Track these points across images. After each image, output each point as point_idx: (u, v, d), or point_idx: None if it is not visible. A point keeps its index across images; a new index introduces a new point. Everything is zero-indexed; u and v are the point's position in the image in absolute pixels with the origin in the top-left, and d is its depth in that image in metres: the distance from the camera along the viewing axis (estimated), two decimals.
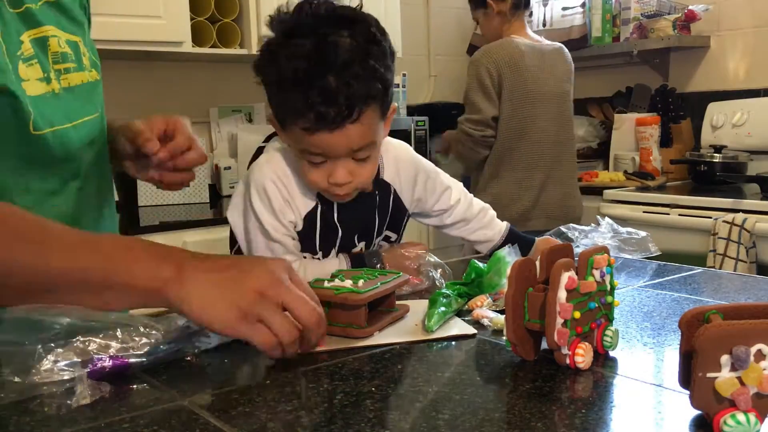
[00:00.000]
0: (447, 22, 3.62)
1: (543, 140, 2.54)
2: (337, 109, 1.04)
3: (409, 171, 1.35)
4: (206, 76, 2.90)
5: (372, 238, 1.36)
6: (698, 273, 1.39)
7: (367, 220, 1.32)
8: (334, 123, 1.06)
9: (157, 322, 0.93)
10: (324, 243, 1.30)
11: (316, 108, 1.04)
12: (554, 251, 0.90)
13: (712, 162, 2.67)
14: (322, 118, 1.05)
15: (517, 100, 2.49)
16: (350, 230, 1.31)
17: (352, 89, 1.04)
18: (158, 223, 2.29)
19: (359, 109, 1.06)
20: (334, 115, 1.05)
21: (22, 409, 0.77)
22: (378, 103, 1.10)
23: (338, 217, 1.27)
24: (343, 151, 1.11)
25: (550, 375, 0.83)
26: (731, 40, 2.97)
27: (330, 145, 1.09)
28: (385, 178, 1.32)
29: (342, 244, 1.32)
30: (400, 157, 1.34)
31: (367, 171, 1.17)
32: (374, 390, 0.81)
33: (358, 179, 1.16)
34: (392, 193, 1.34)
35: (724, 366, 0.66)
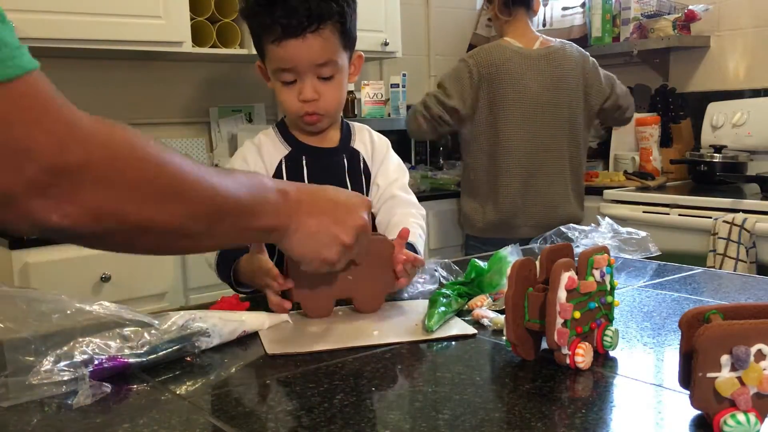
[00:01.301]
0: (447, 22, 3.61)
1: (520, 148, 2.44)
2: (297, 19, 1.24)
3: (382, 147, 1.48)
4: (206, 76, 2.90)
5: None
6: (698, 273, 1.39)
7: (338, 181, 1.37)
8: (297, 31, 1.25)
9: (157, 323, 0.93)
10: None
11: (280, 21, 1.24)
12: (554, 251, 0.90)
13: (712, 162, 2.67)
14: (286, 28, 1.25)
15: (494, 106, 2.45)
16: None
17: (309, 5, 1.24)
18: None
19: (317, 24, 1.25)
20: (296, 24, 1.24)
21: (22, 409, 0.77)
22: (335, 23, 1.28)
23: (307, 173, 1.39)
24: (306, 63, 1.28)
25: (550, 375, 0.83)
26: (731, 40, 2.97)
27: (295, 56, 1.27)
28: (354, 146, 1.46)
29: None
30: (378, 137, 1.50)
31: (332, 93, 1.34)
32: (374, 390, 0.81)
33: (323, 99, 1.32)
34: (361, 161, 1.45)
35: (724, 366, 0.66)
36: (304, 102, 1.32)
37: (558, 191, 2.52)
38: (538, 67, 2.48)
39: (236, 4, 2.63)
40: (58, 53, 2.50)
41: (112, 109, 2.70)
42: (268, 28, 1.27)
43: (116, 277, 2.09)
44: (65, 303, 0.88)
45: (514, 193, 2.48)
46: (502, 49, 2.48)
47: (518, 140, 2.46)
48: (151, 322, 0.93)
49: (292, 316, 1.08)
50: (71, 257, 2.04)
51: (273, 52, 1.29)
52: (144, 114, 2.76)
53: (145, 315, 0.94)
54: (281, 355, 0.94)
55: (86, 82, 2.64)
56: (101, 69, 2.66)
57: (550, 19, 3.38)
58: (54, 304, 0.87)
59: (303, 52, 1.27)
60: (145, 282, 2.16)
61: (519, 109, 2.45)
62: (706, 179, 2.70)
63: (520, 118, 2.45)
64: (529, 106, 2.46)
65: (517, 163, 2.46)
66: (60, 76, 2.69)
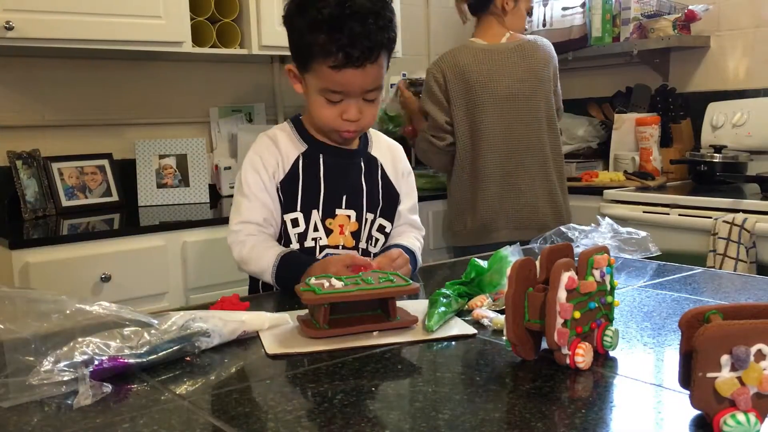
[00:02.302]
0: (447, 22, 3.61)
1: (497, 147, 2.38)
2: (360, 51, 1.25)
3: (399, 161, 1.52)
4: (206, 76, 2.90)
5: (361, 209, 1.41)
6: (698, 273, 1.39)
7: (353, 183, 1.42)
8: (358, 62, 1.26)
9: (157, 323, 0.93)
10: (305, 201, 1.39)
11: (344, 49, 1.25)
12: (554, 251, 0.90)
13: (712, 162, 2.67)
14: (349, 58, 1.25)
15: (465, 107, 2.40)
16: (335, 187, 1.40)
17: (373, 35, 1.26)
18: (158, 223, 2.29)
19: (377, 53, 1.28)
20: (358, 56, 1.25)
21: (22, 409, 0.77)
22: (388, 51, 1.32)
23: (324, 171, 1.40)
24: (359, 90, 1.31)
25: (550, 375, 0.83)
26: (731, 40, 2.97)
27: (350, 83, 1.29)
28: (372, 152, 1.48)
29: (327, 206, 1.38)
30: (393, 146, 1.54)
31: (372, 112, 1.36)
32: (374, 390, 0.81)
33: (364, 119, 1.35)
34: (379, 168, 1.48)
35: (724, 366, 0.66)
36: (347, 121, 1.34)
37: (540, 190, 2.44)
38: (509, 61, 2.42)
39: (236, 4, 2.63)
40: (58, 53, 2.50)
41: (112, 109, 2.70)
42: (326, 52, 1.26)
43: (116, 277, 2.09)
44: (65, 303, 0.88)
45: (493, 196, 2.40)
46: (467, 49, 2.44)
47: (496, 139, 2.39)
48: (151, 322, 0.93)
49: (292, 316, 1.08)
50: (71, 257, 2.04)
51: (327, 74, 1.29)
52: (144, 114, 2.76)
53: (145, 315, 0.94)
54: (281, 355, 0.94)
55: (86, 82, 2.64)
56: (101, 69, 2.66)
57: (550, 19, 3.38)
58: (54, 304, 0.87)
59: (358, 80, 1.29)
60: (145, 282, 2.16)
61: (492, 106, 2.39)
62: (706, 179, 2.70)
63: (496, 117, 2.39)
64: (503, 102, 2.39)
65: (496, 163, 2.39)
66: (60, 76, 2.71)
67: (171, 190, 2.74)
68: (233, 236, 1.39)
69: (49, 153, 2.51)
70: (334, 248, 1.39)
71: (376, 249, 1.46)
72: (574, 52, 3.27)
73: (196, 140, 2.79)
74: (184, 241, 2.24)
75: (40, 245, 2.02)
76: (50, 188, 2.47)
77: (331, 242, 1.39)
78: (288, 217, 1.39)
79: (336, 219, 1.39)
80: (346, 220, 1.39)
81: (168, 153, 2.75)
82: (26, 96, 2.53)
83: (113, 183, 2.63)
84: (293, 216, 1.39)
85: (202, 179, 2.77)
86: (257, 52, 2.64)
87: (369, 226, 1.43)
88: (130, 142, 2.71)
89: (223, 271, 2.24)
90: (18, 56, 2.48)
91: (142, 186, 2.70)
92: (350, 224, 1.40)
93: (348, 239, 1.40)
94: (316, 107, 1.35)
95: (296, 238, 1.39)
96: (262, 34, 2.62)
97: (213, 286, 2.24)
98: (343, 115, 1.33)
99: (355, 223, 1.40)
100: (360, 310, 1.06)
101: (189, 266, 2.24)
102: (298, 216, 1.39)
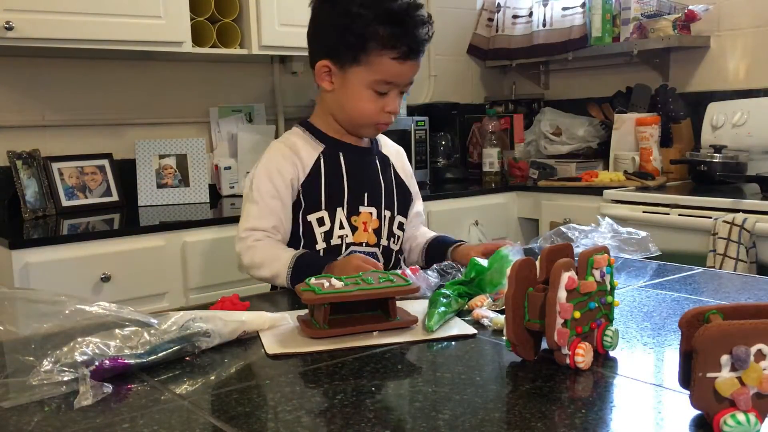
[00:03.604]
0: (447, 22, 3.61)
1: None
2: (422, 43, 1.35)
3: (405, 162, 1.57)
4: (206, 76, 2.90)
5: (380, 205, 1.44)
6: (698, 273, 1.39)
7: (373, 180, 1.46)
8: (417, 54, 1.35)
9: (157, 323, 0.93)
10: (330, 199, 1.39)
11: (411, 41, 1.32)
12: (554, 251, 0.90)
13: (712, 162, 2.67)
14: (412, 50, 1.33)
15: None
16: (358, 184, 1.42)
17: (428, 30, 1.36)
18: (158, 223, 2.29)
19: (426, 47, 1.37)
20: (419, 49, 1.34)
21: (22, 409, 0.77)
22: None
23: (345, 167, 1.43)
24: (408, 81, 1.39)
25: (550, 375, 0.83)
26: (731, 40, 2.97)
27: (406, 75, 1.37)
28: (384, 151, 1.53)
29: (351, 204, 1.40)
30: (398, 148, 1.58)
31: (401, 104, 1.47)
32: (374, 390, 0.81)
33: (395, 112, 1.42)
34: (391, 166, 1.52)
35: (724, 366, 0.66)
36: (390, 113, 1.40)
37: None
38: None
39: (236, 4, 2.63)
40: (58, 53, 2.50)
41: (112, 109, 2.70)
42: (391, 44, 1.32)
43: (116, 277, 2.09)
44: (65, 303, 0.88)
45: None
46: None
47: None
48: (151, 322, 0.93)
49: (292, 316, 1.08)
50: (71, 257, 2.04)
51: (387, 66, 1.34)
52: (144, 114, 2.76)
53: (145, 315, 0.94)
54: (281, 355, 0.94)
55: (86, 82, 2.64)
56: (101, 69, 2.66)
57: (550, 19, 3.38)
58: (54, 304, 0.87)
59: (412, 72, 1.38)
60: (145, 282, 2.16)
61: None
62: (706, 179, 2.69)
63: None
64: None
65: None
66: (60, 76, 2.71)
67: (171, 190, 2.74)
68: (241, 243, 1.38)
69: (49, 153, 2.52)
70: (358, 245, 1.40)
71: (397, 246, 1.47)
72: (574, 52, 3.27)
73: (196, 140, 2.79)
74: (184, 241, 2.24)
75: (40, 245, 2.02)
76: (50, 188, 2.47)
77: (356, 239, 1.40)
78: (313, 217, 1.39)
79: (360, 216, 1.40)
80: (368, 218, 1.41)
81: (168, 153, 2.75)
82: (26, 96, 2.53)
83: (113, 183, 2.63)
84: (318, 215, 1.39)
85: (202, 179, 2.77)
86: (257, 52, 2.64)
87: (388, 224, 1.45)
88: (130, 142, 2.71)
89: (223, 271, 2.24)
90: (18, 56, 2.48)
91: (142, 186, 2.70)
92: (372, 221, 1.42)
93: (371, 236, 1.41)
94: (358, 101, 1.38)
95: (322, 237, 1.39)
96: (262, 34, 2.61)
97: (213, 286, 2.24)
98: (386, 107, 1.38)
99: (376, 221, 1.42)
100: (360, 310, 1.06)
101: (189, 266, 2.24)
102: (324, 214, 1.39)
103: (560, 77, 3.65)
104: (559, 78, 3.65)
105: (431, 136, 3.17)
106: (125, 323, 0.91)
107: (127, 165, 2.70)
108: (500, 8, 3.62)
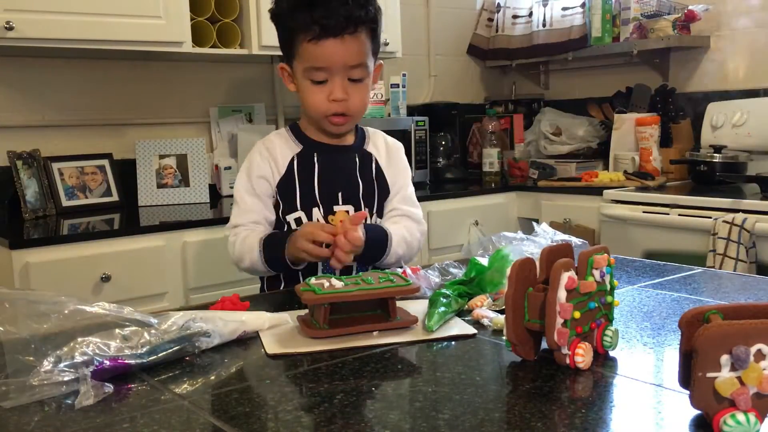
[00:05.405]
0: (447, 22, 3.61)
1: None
2: (336, 20, 1.29)
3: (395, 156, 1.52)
4: (206, 76, 2.90)
5: (359, 204, 1.44)
6: (698, 273, 1.39)
7: (349, 178, 1.45)
8: (336, 31, 1.29)
9: (157, 323, 0.93)
10: (304, 199, 1.42)
11: (320, 21, 1.28)
12: (554, 251, 0.90)
13: (712, 162, 2.67)
14: (325, 28, 1.29)
15: None
16: (330, 186, 1.42)
17: (349, 7, 1.30)
18: (158, 223, 2.29)
19: (355, 27, 1.31)
20: (335, 25, 1.29)
21: (22, 409, 0.77)
22: (369, 28, 1.34)
23: (318, 168, 1.43)
24: (340, 63, 1.32)
25: (550, 375, 0.83)
26: (731, 40, 2.97)
27: (331, 55, 1.31)
28: (368, 148, 1.49)
29: (325, 204, 1.41)
30: (391, 142, 1.54)
31: (359, 96, 1.37)
32: (374, 390, 0.81)
33: (352, 101, 1.36)
34: (373, 162, 1.49)
35: (724, 366, 0.66)
36: (334, 101, 1.35)
37: None
38: None
39: (236, 4, 2.63)
40: (58, 53, 2.50)
41: (113, 109, 2.70)
42: (306, 27, 1.30)
43: (116, 277, 2.09)
44: (65, 303, 0.88)
45: None
46: None
47: None
48: (151, 322, 0.93)
49: (292, 316, 1.08)
50: (71, 257, 2.04)
51: (308, 51, 1.32)
52: (144, 114, 2.76)
53: (145, 315, 0.94)
54: (281, 355, 0.94)
55: (86, 82, 2.64)
56: (101, 69, 2.66)
57: (550, 19, 3.38)
58: (54, 304, 0.87)
59: (339, 51, 1.31)
60: (145, 282, 2.16)
61: None
62: (706, 179, 2.69)
63: None
64: None
65: None
66: (60, 76, 2.71)
67: (171, 190, 2.74)
68: (228, 242, 1.45)
69: (49, 153, 2.51)
70: None
71: None
72: (574, 52, 3.27)
73: (196, 140, 2.79)
74: (184, 241, 2.24)
75: (40, 245, 2.02)
76: (50, 188, 2.47)
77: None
78: (291, 217, 1.41)
79: (336, 215, 1.40)
80: (345, 216, 1.40)
81: (168, 153, 2.75)
82: (26, 96, 2.53)
83: (113, 183, 2.63)
84: (296, 215, 1.41)
85: (202, 179, 2.77)
86: (257, 52, 2.64)
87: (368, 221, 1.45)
88: (130, 142, 2.71)
89: (223, 271, 2.24)
90: (18, 56, 2.48)
91: (142, 186, 2.70)
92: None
93: None
94: (305, 94, 1.38)
95: None
96: (262, 34, 2.61)
97: (213, 286, 2.24)
98: (330, 95, 1.34)
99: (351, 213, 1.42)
100: (359, 310, 1.06)
101: (189, 266, 2.24)
102: (301, 215, 1.41)
103: (560, 77, 3.65)
104: (559, 78, 3.66)
105: (431, 136, 3.17)
106: (125, 323, 0.91)
107: (127, 165, 2.70)
108: (500, 8, 3.62)
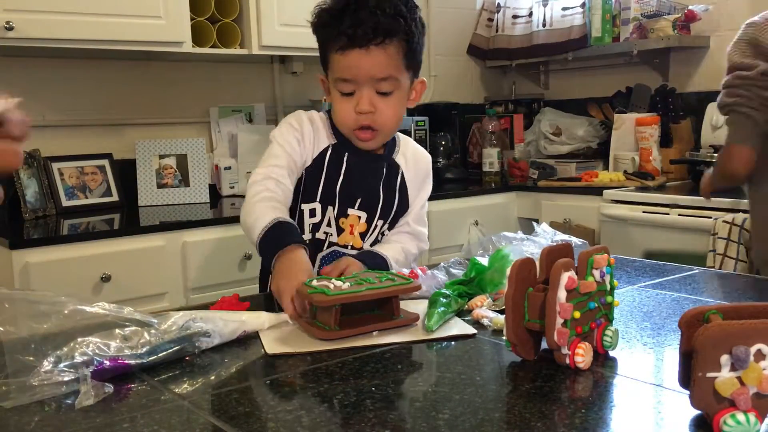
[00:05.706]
0: (447, 22, 3.61)
1: None
2: (363, 30, 1.26)
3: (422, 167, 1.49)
4: (206, 76, 2.90)
5: (374, 214, 1.41)
6: (698, 273, 1.39)
7: (371, 187, 1.42)
8: (362, 42, 1.27)
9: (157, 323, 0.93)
10: (325, 194, 1.39)
11: (347, 32, 1.27)
12: (554, 251, 0.90)
13: (712, 162, 2.67)
14: (351, 38, 1.27)
15: None
16: (352, 189, 1.40)
17: (377, 19, 1.27)
18: (158, 223, 2.29)
19: (383, 38, 1.27)
20: (361, 35, 1.26)
21: (22, 409, 0.77)
22: (401, 40, 1.30)
23: (345, 169, 1.39)
24: (366, 74, 1.29)
25: (550, 375, 0.83)
26: (731, 40, 2.97)
27: (357, 66, 1.29)
28: (396, 158, 1.45)
29: (341, 205, 1.39)
30: (420, 154, 1.51)
31: (389, 108, 1.34)
32: (374, 390, 0.81)
33: (379, 114, 1.33)
34: (400, 174, 1.45)
35: (724, 366, 0.66)
36: (360, 114, 1.32)
37: None
38: None
39: (236, 4, 2.63)
40: (58, 53, 2.50)
41: (113, 109, 2.70)
42: (335, 37, 1.29)
43: (116, 277, 2.09)
44: (65, 303, 0.88)
45: None
46: None
47: None
48: (151, 322, 0.93)
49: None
50: (71, 257, 2.04)
51: (336, 61, 1.31)
52: (144, 114, 2.76)
53: (145, 315, 0.94)
54: (281, 355, 0.94)
55: (86, 82, 2.64)
56: (101, 69, 2.66)
57: (550, 19, 3.38)
58: (54, 304, 0.87)
59: (365, 63, 1.28)
60: (145, 282, 2.16)
61: None
62: None
63: None
64: None
65: None
66: (60, 76, 2.70)
67: (171, 190, 2.74)
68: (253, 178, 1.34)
69: (49, 153, 2.51)
70: (342, 247, 1.40)
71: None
72: (574, 52, 3.27)
73: (196, 140, 2.79)
74: (184, 241, 2.24)
75: (40, 245, 2.02)
76: (50, 188, 2.47)
77: (340, 241, 1.40)
78: (307, 207, 1.39)
79: (348, 219, 1.40)
80: (356, 221, 1.40)
81: (168, 153, 2.75)
82: (26, 96, 2.51)
83: (113, 183, 2.62)
84: (312, 206, 1.39)
85: (202, 179, 2.77)
86: (257, 52, 2.64)
87: (377, 232, 1.43)
88: (130, 142, 2.71)
89: (223, 271, 2.24)
90: (18, 56, 2.48)
91: (142, 186, 2.70)
92: (359, 225, 1.41)
93: (356, 240, 1.41)
94: (335, 106, 1.36)
95: (310, 228, 1.39)
96: (262, 34, 2.61)
97: (213, 286, 2.24)
98: (356, 107, 1.32)
99: (365, 225, 1.41)
100: (360, 310, 1.06)
101: (189, 266, 2.24)
102: (317, 207, 1.39)
103: (560, 77, 3.65)
104: (559, 78, 3.65)
105: (431, 136, 3.17)
106: (125, 323, 0.91)
107: (127, 165, 2.70)
108: (500, 8, 3.61)
